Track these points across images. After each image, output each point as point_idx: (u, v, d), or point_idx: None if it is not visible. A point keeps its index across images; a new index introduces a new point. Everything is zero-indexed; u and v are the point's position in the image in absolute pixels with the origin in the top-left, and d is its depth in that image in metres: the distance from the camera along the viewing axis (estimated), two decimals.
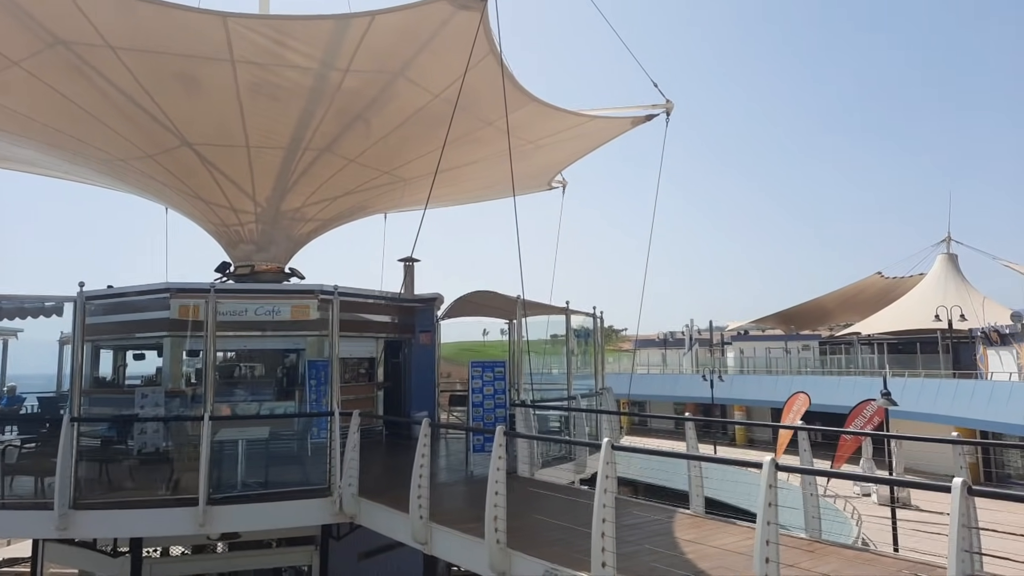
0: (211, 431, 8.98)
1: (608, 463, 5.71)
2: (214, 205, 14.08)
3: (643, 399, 45.61)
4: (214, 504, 8.91)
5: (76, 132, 12.50)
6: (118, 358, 14.71)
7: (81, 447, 10.34)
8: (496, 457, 6.89)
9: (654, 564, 5.89)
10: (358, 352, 14.40)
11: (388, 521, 8.73)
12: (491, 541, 6.66)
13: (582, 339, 15.58)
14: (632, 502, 8.72)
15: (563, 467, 11.47)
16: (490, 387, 11.76)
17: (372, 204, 16.27)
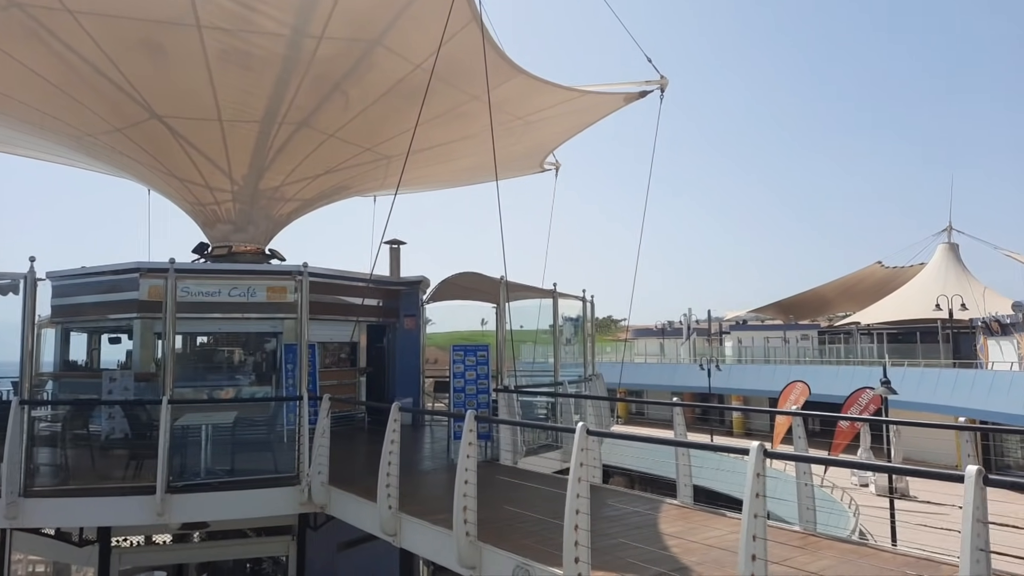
0: (172, 416, 8.49)
1: (583, 449, 5.21)
2: (189, 183, 13.52)
3: (640, 388, 45.19)
4: (175, 492, 8.42)
5: (40, 105, 11.94)
6: (92, 341, 14.22)
7: (39, 432, 9.89)
8: (466, 443, 6.39)
9: (631, 560, 5.39)
10: (339, 336, 13.89)
11: (357, 511, 8.25)
12: (459, 534, 6.18)
13: (575, 326, 15.08)
14: (615, 491, 8.24)
15: (548, 455, 10.98)
16: (472, 372, 11.26)
17: (355, 184, 15.71)
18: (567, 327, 14.51)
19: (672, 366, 47.47)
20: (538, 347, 16.70)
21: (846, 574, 5.17)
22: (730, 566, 5.22)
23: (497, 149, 11.14)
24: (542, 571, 5.43)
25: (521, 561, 5.64)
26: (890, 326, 43.40)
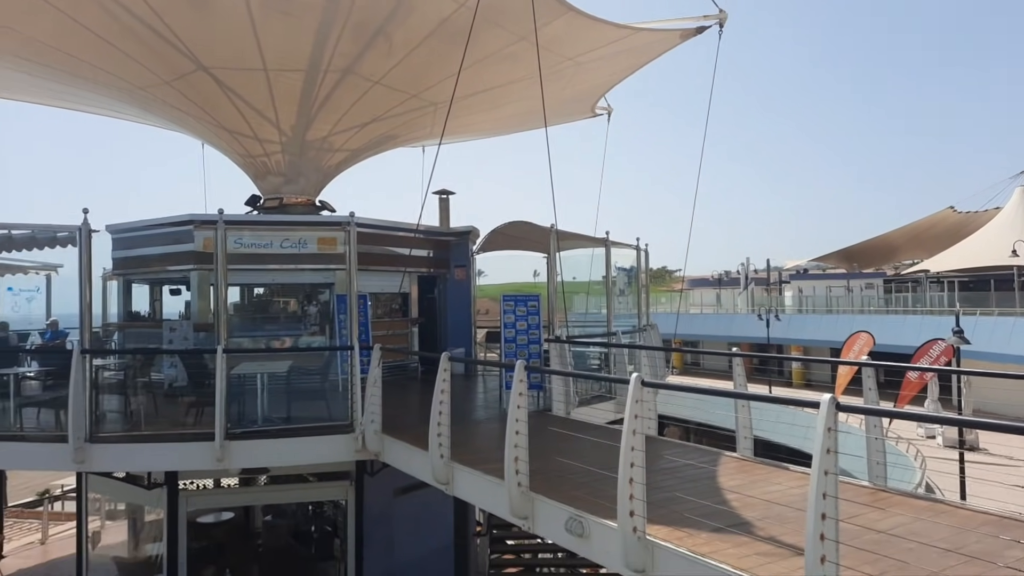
0: (228, 365, 8.61)
1: (637, 401, 4.98)
2: (238, 135, 13.52)
3: (695, 339, 44.48)
4: (233, 439, 8.60)
5: (92, 59, 12.00)
6: (154, 292, 14.60)
7: (105, 381, 10.20)
8: (516, 394, 6.24)
9: (688, 514, 5.19)
10: (390, 287, 13.87)
11: (410, 459, 8.27)
12: (511, 484, 6.08)
13: (628, 276, 14.71)
14: (670, 443, 8.02)
15: (601, 406, 10.80)
16: (523, 322, 11.09)
17: (402, 133, 15.47)
18: (620, 277, 14.18)
19: (729, 316, 46.54)
20: (590, 298, 16.42)
21: (920, 532, 4.86)
22: (794, 522, 4.98)
23: (546, 93, 10.69)
24: (596, 523, 5.28)
25: (574, 512, 5.50)
26: (962, 274, 41.35)
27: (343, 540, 11.99)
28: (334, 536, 12.90)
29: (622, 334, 12.16)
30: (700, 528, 4.95)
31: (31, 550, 16.93)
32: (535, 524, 6.12)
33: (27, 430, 9.04)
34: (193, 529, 11.76)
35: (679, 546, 4.68)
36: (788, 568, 4.23)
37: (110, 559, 13.16)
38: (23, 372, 9.96)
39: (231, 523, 13.53)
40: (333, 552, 12.60)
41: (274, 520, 14.05)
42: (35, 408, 9.68)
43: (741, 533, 4.85)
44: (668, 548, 4.72)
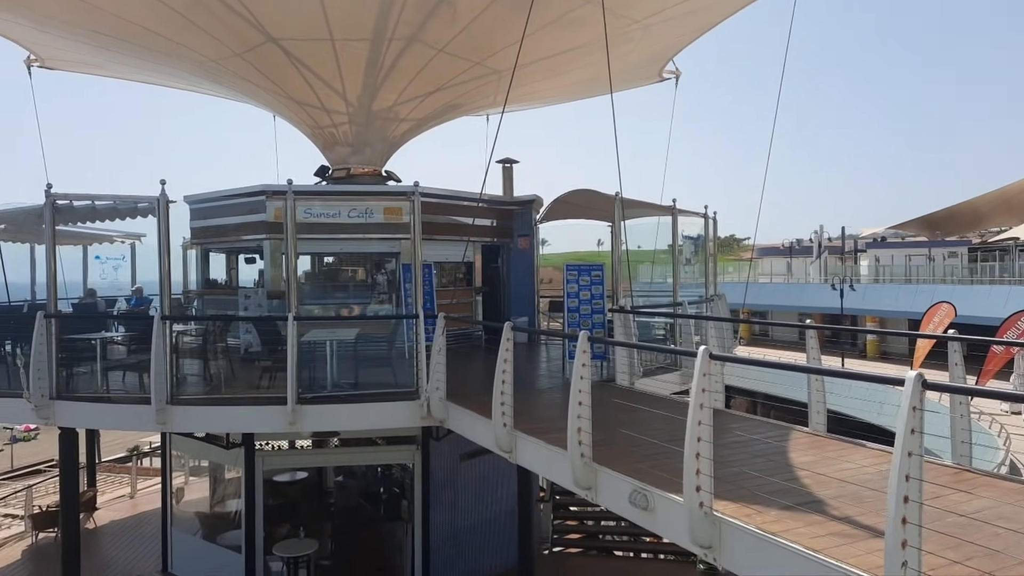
0: (298, 332, 8.85)
1: (705, 374, 4.85)
2: (307, 106, 13.73)
3: (764, 309, 43.32)
4: (304, 403, 8.88)
5: (170, 34, 12.33)
6: (230, 261, 15.12)
7: (185, 346, 10.66)
8: (579, 364, 6.19)
9: (757, 491, 5.06)
10: (454, 256, 13.96)
11: (473, 427, 8.37)
12: (574, 454, 6.06)
13: (695, 245, 14.35)
14: (738, 417, 7.83)
15: (666, 377, 10.66)
16: (587, 291, 10.98)
17: (466, 102, 15.39)
18: (686, 246, 13.83)
19: (800, 286, 45.04)
20: (655, 267, 16.12)
21: (1008, 516, 4.61)
22: (871, 502, 4.80)
23: (612, 58, 10.39)
24: (661, 497, 5.22)
25: (638, 485, 5.45)
26: None
27: (410, 502, 12.33)
28: (402, 498, 13.27)
29: (688, 304, 11.91)
30: (770, 505, 4.83)
31: (121, 503, 18.07)
32: (598, 495, 6.10)
33: (113, 392, 9.56)
34: (269, 487, 12.31)
35: (748, 523, 4.58)
36: (864, 550, 4.08)
37: (193, 513, 13.91)
38: (109, 337, 10.49)
39: (304, 482, 14.10)
40: (401, 513, 12.97)
41: (345, 481, 14.56)
42: (121, 371, 10.22)
43: (814, 512, 4.70)
44: (736, 525, 4.62)
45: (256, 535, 11.69)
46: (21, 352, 9.45)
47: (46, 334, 8.91)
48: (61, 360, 9.29)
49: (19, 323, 10.18)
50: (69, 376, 9.58)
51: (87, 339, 10.09)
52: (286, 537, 12.30)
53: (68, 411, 9.17)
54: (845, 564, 3.94)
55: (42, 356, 8.86)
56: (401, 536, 12.61)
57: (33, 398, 8.86)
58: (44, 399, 8.91)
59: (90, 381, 9.93)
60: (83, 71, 17.14)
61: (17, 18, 12.83)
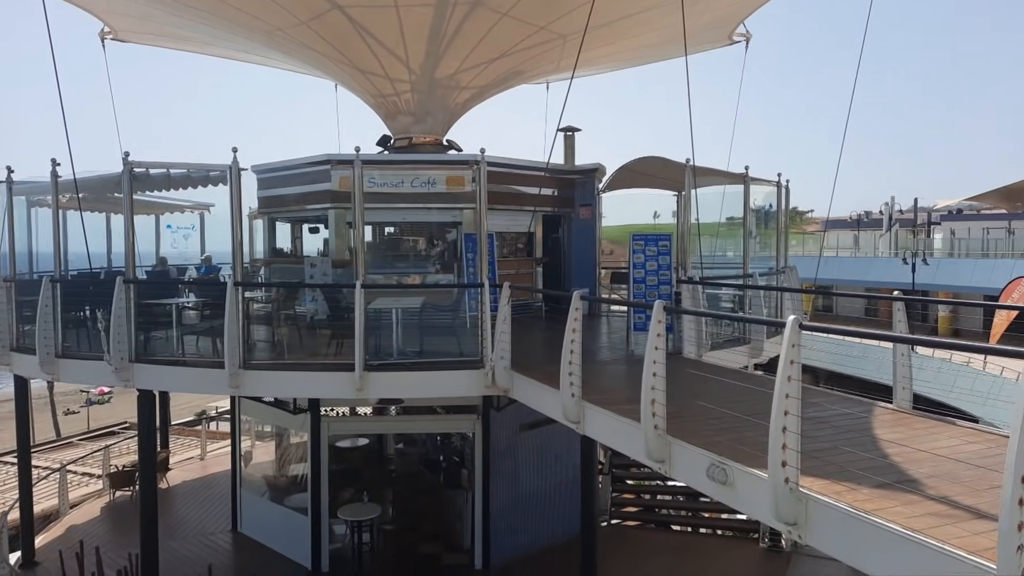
0: (364, 300, 8.90)
1: (794, 345, 4.63)
2: (370, 74, 13.71)
3: (829, 283, 41.95)
4: (371, 370, 8.96)
5: (237, 2, 12.42)
6: (295, 230, 15.35)
7: (254, 313, 10.89)
8: (654, 334, 6.01)
9: (846, 467, 4.84)
10: (515, 226, 13.85)
11: (539, 397, 8.30)
12: (648, 427, 5.92)
13: (764, 216, 13.86)
14: (817, 391, 7.55)
15: (736, 350, 10.37)
16: (653, 262, 10.72)
17: (529, 68, 15.12)
18: (751, 217, 13.38)
19: (868, 260, 43.42)
20: (718, 240, 15.67)
21: None
22: (970, 482, 4.53)
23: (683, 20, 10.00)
24: (741, 471, 5.04)
25: (716, 459, 5.28)
26: None
27: (470, 471, 12.42)
28: (461, 466, 13.40)
29: (759, 276, 11.53)
30: (861, 483, 4.60)
31: (192, 464, 18.82)
32: (672, 468, 5.96)
33: (188, 356, 9.85)
34: (332, 452, 12.58)
35: (838, 501, 4.37)
36: (968, 531, 3.84)
37: (261, 476, 14.36)
38: (183, 303, 10.78)
39: (366, 448, 14.38)
40: (460, 481, 13.10)
41: (405, 448, 14.78)
42: (193, 336, 10.52)
43: (910, 491, 4.46)
44: (825, 502, 4.42)
45: (321, 498, 11.98)
46: (101, 317, 9.79)
47: (125, 299, 9.19)
48: (139, 324, 9.59)
49: (99, 289, 10.53)
50: (146, 340, 9.91)
51: (162, 304, 10.40)
52: (349, 501, 12.59)
53: (146, 374, 9.48)
54: (948, 545, 3.71)
55: (121, 320, 9.16)
56: (461, 504, 12.75)
57: (113, 361, 9.18)
58: (123, 362, 9.23)
59: (165, 345, 10.25)
60: (152, 43, 17.52)
61: None
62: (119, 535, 13.24)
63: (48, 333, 10.01)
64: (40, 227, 12.33)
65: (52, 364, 10.11)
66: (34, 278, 11.67)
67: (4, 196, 11.59)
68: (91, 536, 13.00)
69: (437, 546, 12.42)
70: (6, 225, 11.67)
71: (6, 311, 11.24)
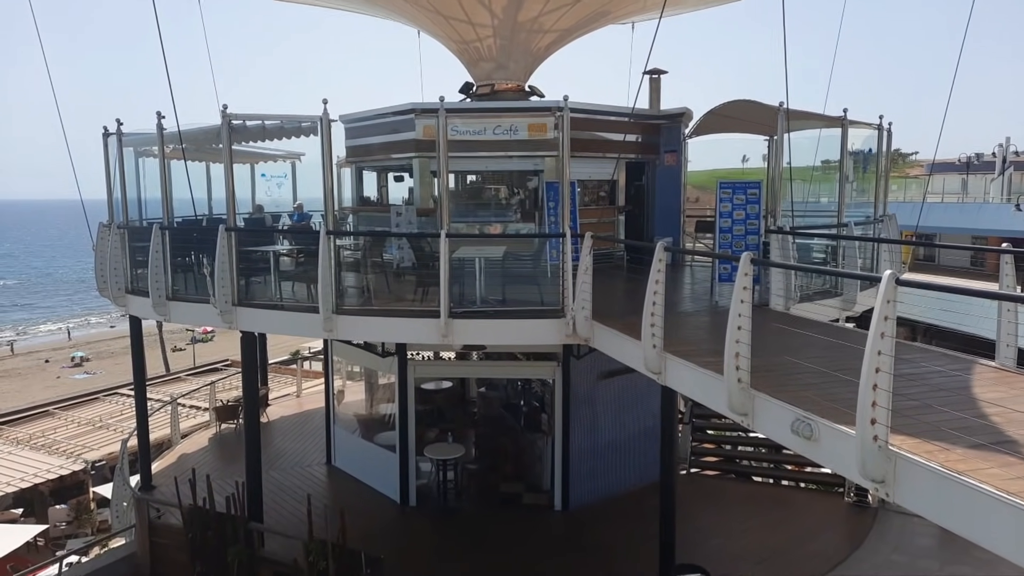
0: (449, 249, 9.10)
1: (889, 301, 4.47)
2: (452, 19, 13.65)
3: (931, 231, 39.50)
4: (455, 317, 9.21)
5: None
6: (380, 179, 15.70)
7: (344, 260, 11.31)
8: (740, 287, 5.91)
9: (939, 426, 4.70)
10: (598, 174, 13.66)
11: (621, 347, 8.34)
12: (731, 379, 5.89)
13: (860, 161, 13.14)
14: (913, 347, 7.26)
15: (826, 302, 10.04)
16: (741, 211, 10.42)
17: (614, 8, 14.66)
18: (848, 163, 12.72)
19: (975, 206, 40.48)
20: (811, 186, 14.99)
21: None
22: None
23: None
24: (828, 427, 4.97)
25: (801, 414, 5.22)
26: None
27: (550, 416, 12.71)
28: (541, 411, 13.71)
29: (855, 225, 11.03)
30: (955, 443, 4.47)
31: (288, 401, 20.02)
32: (755, 422, 5.93)
33: (284, 301, 10.40)
34: (418, 394, 13.11)
35: (929, 460, 4.27)
36: None
37: (352, 414, 15.15)
38: (279, 250, 11.32)
39: (450, 391, 14.89)
40: (541, 426, 13.43)
41: (487, 392, 15.21)
42: (288, 282, 11.07)
43: (1008, 452, 4.30)
44: (915, 461, 4.33)
45: (408, 437, 12.57)
46: (207, 262, 10.42)
47: (227, 246, 9.74)
48: (239, 270, 10.16)
49: (203, 236, 11.18)
50: (247, 285, 10.50)
51: (260, 251, 10.96)
52: (435, 441, 13.15)
53: (248, 317, 10.09)
54: None
55: (224, 266, 9.73)
56: (541, 447, 13.09)
57: (218, 304, 9.81)
58: (227, 305, 9.84)
59: (264, 290, 10.84)
60: None
61: None
62: (225, 464, 14.36)
63: (159, 277, 10.74)
64: (147, 176, 13.09)
65: (164, 306, 10.88)
66: (143, 225, 12.46)
67: (115, 148, 12.31)
68: (201, 464, 14.16)
69: (518, 486, 12.86)
70: (117, 175, 12.45)
71: (121, 256, 12.10)
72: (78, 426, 24.05)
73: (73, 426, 24.08)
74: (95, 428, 23.81)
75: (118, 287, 12.12)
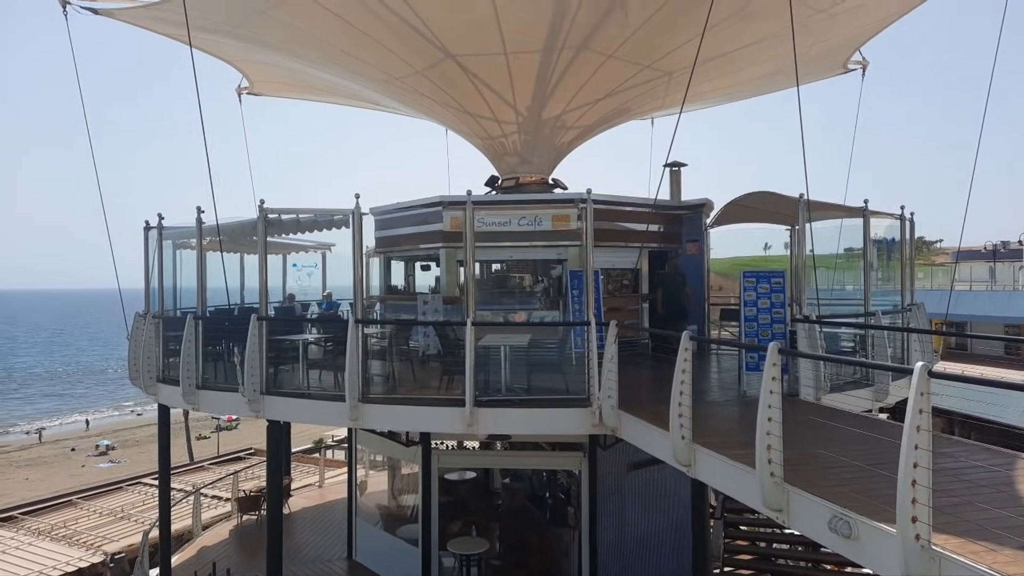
0: (474, 336, 9.17)
1: (923, 394, 4.41)
2: (479, 117, 14.27)
3: (962, 320, 38.86)
4: (481, 406, 9.17)
5: (353, 51, 13.34)
6: (408, 268, 16.04)
7: (370, 348, 11.42)
8: (769, 377, 5.86)
9: (984, 525, 4.52)
10: (621, 263, 13.84)
11: (648, 437, 8.21)
12: (763, 473, 5.75)
13: (884, 249, 13.18)
14: (951, 440, 7.06)
15: (857, 393, 9.85)
16: (766, 300, 10.41)
17: (635, 106, 15.24)
18: (872, 251, 12.76)
19: (1006, 294, 39.93)
20: (835, 273, 14.98)
21: None
22: None
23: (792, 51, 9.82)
24: (867, 526, 4.81)
25: (839, 511, 5.06)
26: None
27: (576, 509, 12.35)
28: (567, 504, 13.33)
29: (882, 314, 10.94)
30: (1002, 543, 4.29)
31: (310, 491, 19.72)
32: (791, 518, 5.75)
33: (312, 389, 10.46)
34: (441, 484, 12.87)
35: (976, 562, 4.09)
36: None
37: (374, 505, 14.86)
38: (308, 339, 11.48)
39: (474, 482, 14.60)
40: (567, 519, 13.03)
41: (512, 483, 14.89)
42: (316, 370, 11.17)
43: None
44: (961, 563, 4.15)
45: (432, 530, 12.25)
46: (237, 351, 10.58)
47: (258, 335, 9.92)
48: (269, 359, 10.29)
49: (235, 325, 11.40)
50: (275, 373, 10.60)
51: (291, 340, 11.13)
52: (458, 534, 12.79)
53: (275, 405, 10.13)
54: None
55: (255, 355, 9.88)
56: (568, 542, 12.66)
57: (247, 393, 9.89)
58: (256, 394, 9.92)
59: (291, 378, 10.93)
60: (281, 94, 19.02)
61: (237, 41, 14.42)
62: (246, 557, 14.05)
63: (191, 366, 10.91)
64: (182, 267, 13.50)
65: (193, 395, 10.99)
66: (177, 315, 12.75)
67: (154, 240, 12.79)
68: (221, 558, 13.87)
69: None
70: (156, 266, 12.86)
71: (154, 345, 12.34)
72: (100, 516, 23.80)
73: (95, 516, 23.84)
74: (116, 519, 23.54)
75: (150, 376, 12.30)
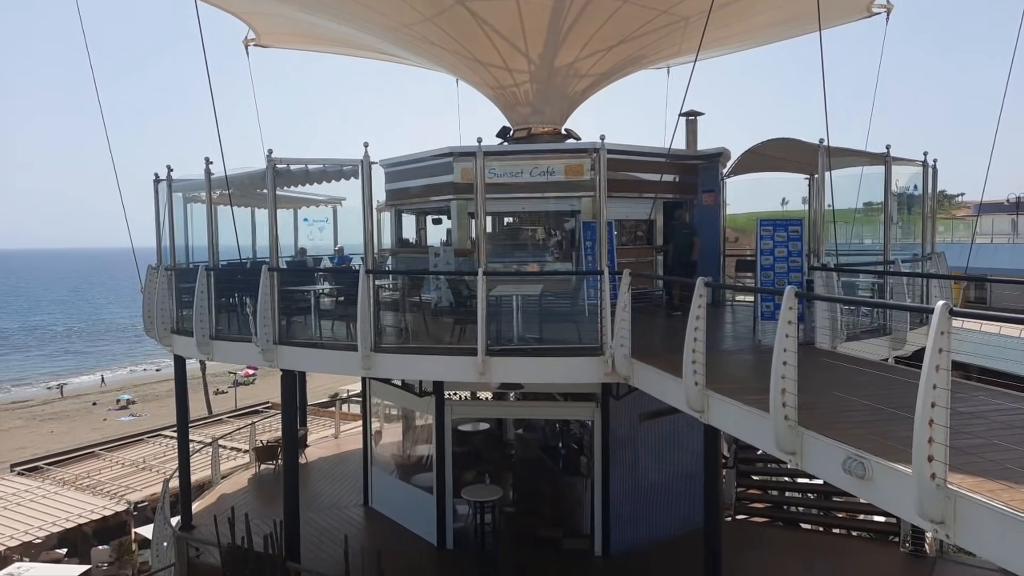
0: (486, 287, 9.12)
1: (943, 333, 4.30)
2: (490, 66, 13.97)
3: (983, 273, 38.34)
4: (493, 355, 9.17)
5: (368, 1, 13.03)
6: (419, 222, 15.95)
7: (383, 299, 11.43)
8: (785, 321, 5.77)
9: (1003, 463, 4.46)
10: (635, 214, 13.66)
11: (661, 384, 8.18)
12: (777, 417, 5.71)
13: (904, 202, 12.89)
14: (972, 385, 6.96)
15: (874, 341, 9.75)
16: (783, 248, 10.26)
17: (650, 53, 14.84)
18: (892, 202, 12.49)
19: None
20: (855, 227, 14.71)
21: None
22: None
23: None
24: (882, 466, 4.76)
25: (853, 452, 5.02)
26: None
27: (589, 458, 12.45)
28: (580, 453, 13.45)
29: (902, 263, 10.75)
30: (1021, 481, 4.23)
31: (326, 442, 20.04)
32: (804, 461, 5.72)
33: (324, 339, 10.50)
34: (455, 435, 13.00)
35: (992, 500, 4.04)
36: None
37: (389, 455, 15.07)
38: (320, 290, 11.49)
39: (488, 433, 14.74)
40: (580, 468, 13.16)
41: (525, 433, 15.03)
42: (328, 321, 11.20)
43: None
44: (977, 501, 4.10)
45: (446, 478, 12.43)
46: (249, 303, 10.61)
47: (270, 286, 9.93)
48: (281, 310, 10.32)
49: (247, 277, 11.42)
50: (288, 324, 10.65)
51: (302, 291, 11.15)
52: (472, 483, 12.97)
53: (288, 355, 10.19)
54: None
55: (267, 305, 9.90)
56: (580, 490, 12.81)
57: (260, 343, 9.95)
58: (269, 344, 9.97)
59: (304, 329, 10.98)
60: (287, 45, 18.71)
61: None
62: (264, 504, 14.35)
63: (204, 317, 10.97)
64: (194, 221, 13.50)
65: (207, 345, 11.08)
66: (190, 267, 12.79)
67: (165, 193, 12.75)
68: (240, 504, 14.17)
69: (557, 530, 12.56)
70: (167, 219, 12.86)
71: (168, 297, 12.42)
72: (122, 467, 24.42)
73: (117, 467, 24.46)
74: (138, 469, 24.14)
75: (164, 327, 12.40)
